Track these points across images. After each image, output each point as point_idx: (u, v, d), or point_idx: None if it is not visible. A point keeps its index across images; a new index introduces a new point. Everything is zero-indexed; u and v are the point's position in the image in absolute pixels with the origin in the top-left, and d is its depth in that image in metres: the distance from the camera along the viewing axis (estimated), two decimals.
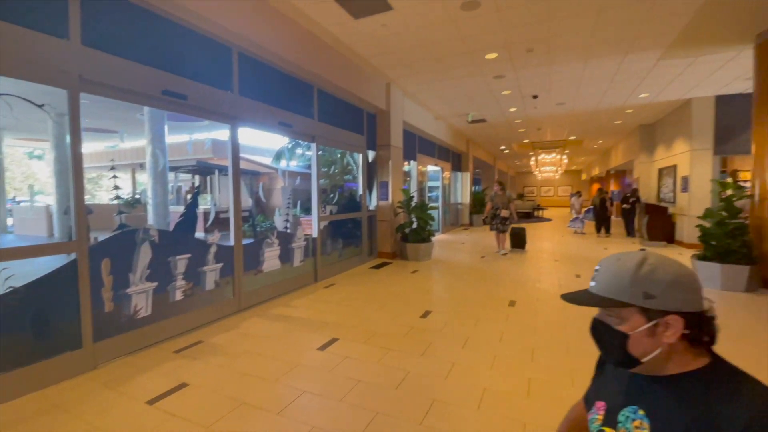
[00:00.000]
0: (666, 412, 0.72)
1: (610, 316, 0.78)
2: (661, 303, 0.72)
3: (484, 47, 5.62)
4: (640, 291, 0.73)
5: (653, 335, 0.73)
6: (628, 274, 0.75)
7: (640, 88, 7.81)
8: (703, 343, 0.74)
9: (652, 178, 11.22)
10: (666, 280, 0.72)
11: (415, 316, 3.99)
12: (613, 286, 0.76)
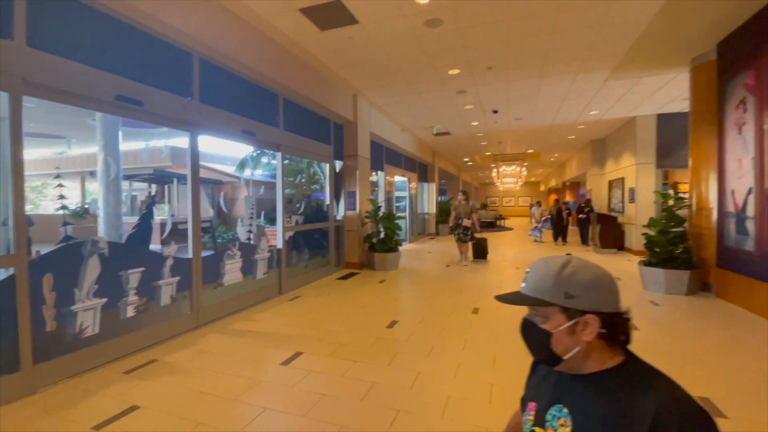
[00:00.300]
0: (586, 409, 0.76)
1: (537, 315, 0.82)
2: (580, 303, 0.76)
3: (447, 63, 5.83)
4: (562, 291, 0.77)
5: (573, 333, 0.77)
6: (552, 276, 0.79)
7: (591, 106, 8.38)
8: (619, 342, 0.78)
9: (603, 189, 11.99)
10: (585, 282, 0.77)
11: (382, 326, 3.99)
12: (539, 286, 0.80)
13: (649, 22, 4.54)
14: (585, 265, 0.79)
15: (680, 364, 3.04)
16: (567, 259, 0.81)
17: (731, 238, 4.81)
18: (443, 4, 4.13)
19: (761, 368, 2.92)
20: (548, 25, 4.63)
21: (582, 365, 0.79)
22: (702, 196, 5.40)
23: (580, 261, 0.80)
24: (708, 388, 2.61)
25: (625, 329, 0.78)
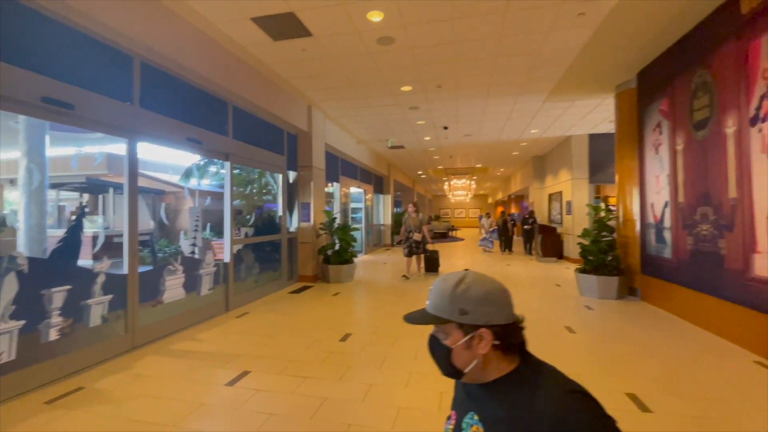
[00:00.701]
0: (493, 415, 0.81)
1: (440, 332, 0.85)
2: (474, 318, 0.80)
3: (399, 80, 6.01)
4: (457, 308, 0.81)
5: (470, 347, 0.81)
6: (447, 293, 0.83)
7: (531, 125, 9.02)
8: (514, 349, 0.82)
9: (543, 202, 12.85)
10: (477, 297, 0.80)
11: (335, 339, 3.93)
12: (438, 304, 0.84)
13: (579, 52, 5.02)
14: (479, 281, 0.83)
15: (611, 363, 3.30)
16: (462, 275, 0.85)
17: (652, 246, 5.35)
18: (395, 23, 4.28)
19: (682, 365, 3.25)
20: (491, 49, 4.95)
21: (483, 375, 0.83)
22: (627, 209, 5.97)
23: (475, 277, 0.84)
24: (635, 384, 2.86)
25: (518, 337, 0.82)
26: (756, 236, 3.43)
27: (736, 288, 3.67)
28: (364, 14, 4.09)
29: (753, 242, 3.47)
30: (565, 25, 4.34)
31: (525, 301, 5.70)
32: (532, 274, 8.20)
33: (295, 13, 4.05)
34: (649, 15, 4.11)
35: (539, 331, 4.18)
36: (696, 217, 4.33)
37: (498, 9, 4.00)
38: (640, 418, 2.40)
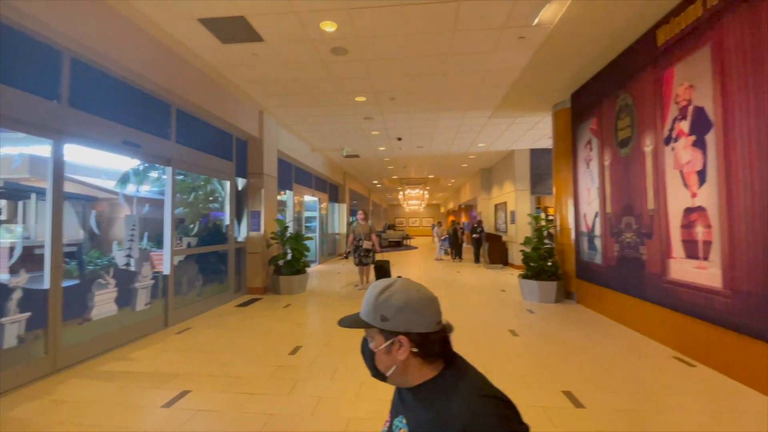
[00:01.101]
0: (418, 419, 0.84)
1: (368, 335, 0.90)
2: (393, 325, 0.83)
3: (354, 90, 6.06)
4: (379, 314, 0.85)
5: (390, 353, 0.84)
6: (373, 300, 0.86)
7: (479, 139, 9.48)
8: (434, 357, 0.84)
9: (490, 212, 13.50)
10: (397, 305, 0.83)
11: (284, 353, 3.81)
12: (365, 310, 0.88)
13: (520, 73, 5.39)
14: (403, 289, 0.86)
15: (549, 363, 3.51)
16: (391, 283, 0.88)
17: (585, 253, 5.81)
18: (348, 35, 4.33)
19: (612, 363, 3.53)
20: (441, 66, 5.17)
21: (405, 380, 0.86)
22: (563, 218, 6.45)
23: (402, 285, 0.87)
24: (570, 382, 3.06)
25: (439, 345, 0.84)
26: (671, 243, 3.85)
27: (656, 290, 4.09)
28: (318, 24, 4.10)
29: (668, 249, 3.89)
30: (507, 48, 4.65)
31: (473, 306, 5.91)
32: (479, 281, 8.54)
33: (246, 17, 3.96)
34: (581, 42, 4.52)
35: (486, 335, 4.35)
36: (621, 226, 4.78)
37: (447, 28, 4.20)
38: (575, 414, 2.57)
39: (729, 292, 3.13)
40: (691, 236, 3.57)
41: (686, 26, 3.58)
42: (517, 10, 3.84)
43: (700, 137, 3.43)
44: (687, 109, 3.60)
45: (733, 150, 3.08)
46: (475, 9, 3.83)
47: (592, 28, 4.18)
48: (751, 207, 2.92)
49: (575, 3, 3.70)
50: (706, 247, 3.38)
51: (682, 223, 3.68)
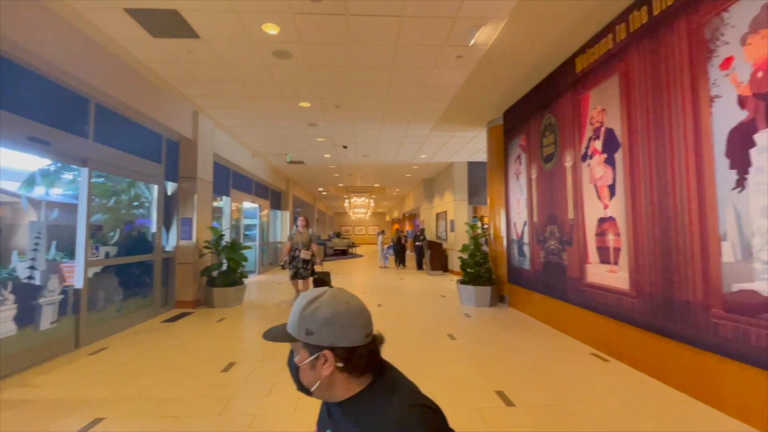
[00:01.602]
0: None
1: (294, 348, 0.86)
2: (318, 339, 0.80)
3: (297, 95, 5.96)
4: (304, 328, 0.81)
5: (314, 368, 0.81)
6: (298, 312, 0.83)
7: (421, 151, 9.81)
8: (364, 369, 0.81)
9: (432, 220, 13.99)
10: (323, 319, 0.80)
11: (216, 370, 3.56)
12: (291, 322, 0.84)
13: (458, 90, 5.69)
14: (331, 301, 0.82)
15: (484, 364, 3.69)
16: (319, 294, 0.84)
17: (515, 259, 6.23)
18: (292, 39, 4.26)
19: (539, 362, 3.79)
20: (385, 78, 5.29)
21: (331, 395, 0.83)
22: (497, 227, 6.87)
23: (331, 296, 0.84)
24: (502, 382, 3.23)
25: (364, 361, 0.81)
26: (587, 250, 4.27)
27: (575, 292, 4.49)
28: (259, 25, 3.99)
29: (585, 255, 4.31)
30: (446, 65, 4.88)
31: (414, 311, 6.04)
32: (421, 287, 8.76)
33: (179, 11, 3.73)
34: (512, 65, 4.90)
35: (426, 340, 4.45)
36: (546, 234, 5.21)
37: (390, 42, 4.31)
38: (506, 412, 2.71)
39: (635, 293, 3.54)
40: (603, 243, 3.99)
41: (599, 57, 4.04)
42: (456, 30, 4.06)
43: (611, 155, 3.87)
44: (600, 130, 4.05)
45: (636, 167, 3.52)
46: (417, 26, 3.99)
47: (522, 52, 4.55)
48: (650, 217, 3.34)
49: (506, 28, 4.01)
50: (616, 253, 3.80)
51: (596, 232, 4.11)
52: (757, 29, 2.43)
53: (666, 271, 3.16)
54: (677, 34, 3.06)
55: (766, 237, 2.37)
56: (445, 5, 3.64)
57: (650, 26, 3.33)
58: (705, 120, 2.81)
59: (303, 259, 6.43)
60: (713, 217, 2.73)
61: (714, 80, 2.74)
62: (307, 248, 6.47)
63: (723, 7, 2.67)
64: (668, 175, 3.14)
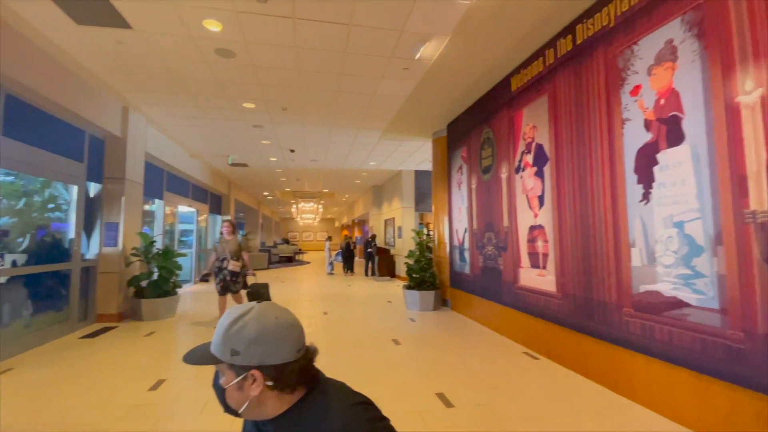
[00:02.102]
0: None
1: (219, 369, 0.80)
2: (245, 359, 0.75)
3: (241, 95, 5.74)
4: (229, 348, 0.76)
5: (242, 389, 0.76)
6: (223, 331, 0.78)
7: (370, 158, 9.91)
8: (296, 385, 0.79)
9: (381, 227, 14.14)
10: (249, 337, 0.76)
11: (142, 389, 3.27)
12: (215, 342, 0.79)
13: (405, 100, 5.86)
14: (258, 317, 0.78)
15: (426, 368, 3.79)
16: (245, 311, 0.80)
17: (457, 264, 6.50)
18: (235, 38, 4.11)
19: (476, 363, 3.97)
20: (333, 84, 5.29)
21: (262, 413, 0.79)
22: (440, 233, 7.13)
23: (258, 312, 0.79)
24: (444, 384, 3.34)
25: (294, 377, 0.78)
26: (520, 255, 4.58)
27: (510, 295, 4.79)
28: (200, 21, 3.80)
29: (519, 259, 4.62)
30: (394, 76, 5.01)
31: (361, 318, 6.04)
32: (368, 293, 8.79)
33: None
34: (455, 80, 5.15)
35: (371, 346, 4.47)
36: (484, 241, 5.50)
37: (338, 50, 4.33)
38: (445, 413, 2.80)
39: (560, 295, 3.85)
40: (534, 249, 4.31)
41: (531, 78, 4.39)
42: (402, 43, 4.19)
43: (540, 168, 4.21)
44: (531, 145, 4.39)
45: (562, 179, 3.86)
46: (365, 35, 4.05)
47: (463, 69, 4.81)
48: (574, 226, 3.67)
49: (450, 46, 4.22)
50: (544, 258, 4.12)
51: (528, 238, 4.43)
52: (661, 62, 2.81)
53: (587, 275, 3.49)
54: (596, 61, 3.43)
55: (666, 244, 2.72)
56: (392, 18, 3.74)
57: (574, 53, 3.69)
58: (618, 139, 3.17)
59: (230, 270, 5.44)
60: (624, 226, 3.08)
61: (625, 105, 3.11)
62: (235, 258, 5.50)
63: (633, 40, 3.04)
64: (588, 188, 3.49)
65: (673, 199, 2.68)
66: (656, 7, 2.83)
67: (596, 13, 3.41)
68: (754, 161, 2.19)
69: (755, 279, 2.16)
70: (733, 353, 2.28)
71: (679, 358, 2.61)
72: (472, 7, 3.55)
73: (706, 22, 2.46)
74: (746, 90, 2.23)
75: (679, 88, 2.65)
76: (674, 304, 2.65)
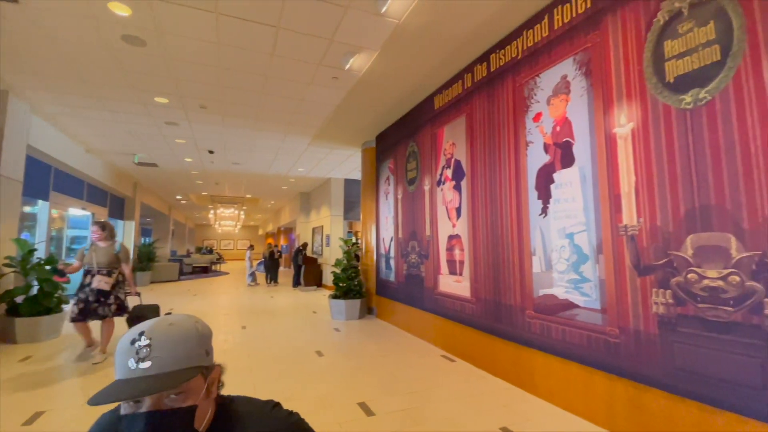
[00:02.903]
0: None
1: (171, 396, 0.65)
2: (211, 358, 0.72)
3: (152, 88, 5.23)
4: (204, 349, 0.70)
5: (209, 394, 0.70)
6: (193, 336, 0.69)
7: (298, 164, 9.70)
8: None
9: (308, 235, 13.83)
10: (208, 334, 0.73)
11: (15, 424, 2.74)
12: (181, 354, 0.65)
13: (335, 109, 5.88)
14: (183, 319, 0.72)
15: (349, 378, 3.77)
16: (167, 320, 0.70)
17: (383, 272, 6.63)
18: (147, 26, 3.75)
19: (398, 369, 4.06)
20: (259, 85, 5.09)
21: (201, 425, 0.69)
22: (368, 242, 7.23)
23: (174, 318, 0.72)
24: (365, 393, 3.35)
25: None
26: (440, 262, 4.84)
27: (431, 301, 5.01)
28: (105, 1, 3.40)
29: (438, 267, 4.87)
30: (323, 83, 5.00)
31: (283, 331, 5.81)
32: (293, 304, 8.50)
33: None
34: (384, 94, 5.31)
35: (293, 359, 4.32)
36: (408, 249, 5.71)
37: (265, 50, 4.19)
38: (366, 422, 2.82)
39: (474, 300, 4.15)
40: (452, 257, 4.58)
41: (452, 98, 4.72)
42: (332, 52, 4.21)
43: (458, 182, 4.52)
44: (451, 160, 4.70)
45: (476, 193, 4.19)
46: (293, 40, 3.99)
47: (392, 84, 4.99)
48: (486, 235, 4.00)
49: (379, 60, 4.35)
50: (461, 265, 4.40)
51: (447, 247, 4.70)
52: (557, 94, 3.22)
53: (496, 281, 3.81)
54: (506, 88, 3.81)
55: (560, 253, 3.10)
56: (322, 26, 3.75)
57: (488, 79, 4.07)
58: (522, 159, 3.55)
59: (100, 290, 4.10)
60: (527, 237, 3.44)
61: (529, 129, 3.50)
62: (108, 273, 4.18)
63: (536, 73, 3.45)
64: (498, 201, 3.84)
65: (565, 213, 3.07)
66: (555, 46, 3.26)
67: (507, 45, 3.80)
68: (626, 183, 2.62)
69: (627, 283, 2.57)
70: (611, 347, 2.66)
71: (570, 354, 2.97)
72: (400, 25, 3.72)
73: (592, 63, 2.90)
74: (621, 123, 2.67)
75: (571, 118, 3.07)
76: (566, 306, 3.02)
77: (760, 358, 1.92)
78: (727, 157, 2.10)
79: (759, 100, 1.98)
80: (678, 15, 2.36)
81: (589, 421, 2.80)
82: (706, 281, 2.15)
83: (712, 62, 2.18)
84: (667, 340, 2.32)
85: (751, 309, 1.96)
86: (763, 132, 1.96)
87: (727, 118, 2.10)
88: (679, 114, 2.33)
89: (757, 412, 1.93)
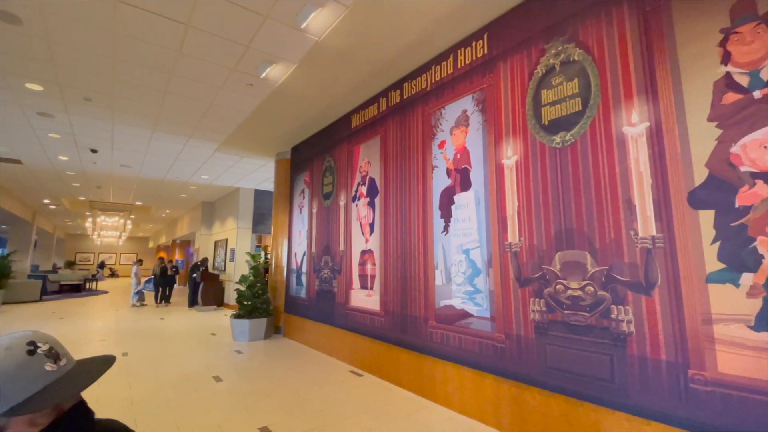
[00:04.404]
0: None
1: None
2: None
3: (24, 72, 4.43)
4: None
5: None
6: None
7: (202, 170, 8.98)
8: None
9: (209, 249, 12.73)
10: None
11: None
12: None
13: (248, 116, 5.65)
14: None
15: (251, 402, 3.54)
16: (23, 334, 0.69)
17: (294, 288, 6.44)
18: (24, 2, 3.21)
19: (304, 388, 3.93)
20: (162, 82, 4.67)
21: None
22: (278, 257, 6.96)
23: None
24: (268, 417, 3.18)
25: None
26: (353, 277, 4.89)
27: (341, 316, 5.01)
28: None
29: (351, 281, 4.92)
30: (236, 89, 4.79)
31: (174, 356, 5.21)
32: (187, 326, 7.67)
33: None
34: (301, 106, 5.29)
35: (186, 388, 3.89)
36: (321, 264, 5.66)
37: (171, 46, 3.89)
38: None
39: (383, 313, 4.28)
40: (364, 271, 4.68)
41: (368, 119, 4.92)
42: (248, 58, 4.09)
43: (372, 199, 4.69)
44: (366, 178, 4.86)
45: (388, 210, 4.39)
46: (205, 40, 3.78)
47: (310, 98, 5.01)
48: (396, 250, 4.19)
49: (297, 73, 4.35)
50: (372, 279, 4.52)
51: (359, 261, 4.79)
52: (459, 125, 3.60)
53: (403, 293, 4.00)
54: (416, 115, 4.13)
55: (458, 267, 3.40)
56: (238, 31, 3.64)
57: (401, 105, 4.36)
58: (429, 181, 3.85)
59: None
60: (431, 252, 3.71)
61: (435, 155, 3.82)
62: None
63: (442, 105, 3.81)
64: (407, 219, 4.08)
65: (463, 231, 3.40)
66: (458, 83, 3.66)
67: (418, 76, 4.15)
68: (511, 207, 3.02)
69: (511, 293, 2.94)
70: (498, 352, 2.99)
71: (465, 360, 3.24)
72: (319, 43, 3.80)
73: (487, 102, 3.33)
74: (508, 155, 3.09)
75: (469, 147, 3.46)
76: (463, 315, 3.31)
77: (609, 355, 2.36)
78: (584, 189, 2.58)
79: (608, 145, 2.50)
80: (552, 69, 2.86)
81: (479, 421, 3.07)
82: (570, 291, 2.57)
83: (575, 111, 2.69)
84: (542, 342, 2.70)
85: (602, 314, 2.41)
86: (610, 171, 2.47)
87: (585, 157, 2.60)
88: (551, 151, 2.80)
89: (608, 401, 2.34)
